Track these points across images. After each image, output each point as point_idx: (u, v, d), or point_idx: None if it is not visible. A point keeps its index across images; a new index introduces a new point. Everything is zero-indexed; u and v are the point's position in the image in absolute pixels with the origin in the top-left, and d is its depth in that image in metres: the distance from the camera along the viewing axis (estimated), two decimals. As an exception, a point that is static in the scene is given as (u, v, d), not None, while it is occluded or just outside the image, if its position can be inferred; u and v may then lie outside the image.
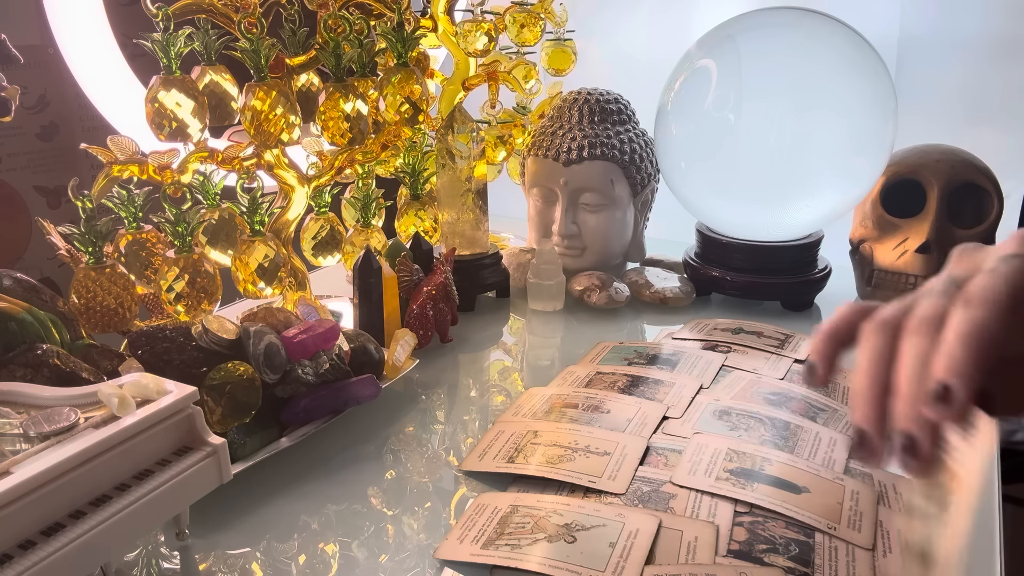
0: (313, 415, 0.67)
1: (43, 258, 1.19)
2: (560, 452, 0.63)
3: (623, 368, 0.79)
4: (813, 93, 0.86)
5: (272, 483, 0.63)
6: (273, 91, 0.77)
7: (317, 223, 0.93)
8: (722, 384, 0.76)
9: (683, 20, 1.39)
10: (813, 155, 0.87)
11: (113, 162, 0.75)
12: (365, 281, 0.81)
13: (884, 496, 0.58)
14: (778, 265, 0.97)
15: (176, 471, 0.49)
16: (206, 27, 0.78)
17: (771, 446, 0.64)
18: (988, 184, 0.89)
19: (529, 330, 0.96)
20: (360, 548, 0.56)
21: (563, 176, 0.99)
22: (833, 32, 0.88)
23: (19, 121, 1.16)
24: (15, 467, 0.42)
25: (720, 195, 0.94)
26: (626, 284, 1.00)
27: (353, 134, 0.82)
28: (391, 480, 0.64)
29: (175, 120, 0.76)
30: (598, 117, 1.01)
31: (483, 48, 1.00)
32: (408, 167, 1.00)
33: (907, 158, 0.93)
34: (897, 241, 0.91)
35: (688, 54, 0.95)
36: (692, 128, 0.92)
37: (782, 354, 0.82)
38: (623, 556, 0.51)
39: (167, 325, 0.63)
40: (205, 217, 0.84)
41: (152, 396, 0.50)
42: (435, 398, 0.78)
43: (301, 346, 0.66)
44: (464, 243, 0.98)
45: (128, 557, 0.55)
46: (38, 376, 0.54)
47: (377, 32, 0.85)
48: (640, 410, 0.71)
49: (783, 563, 0.50)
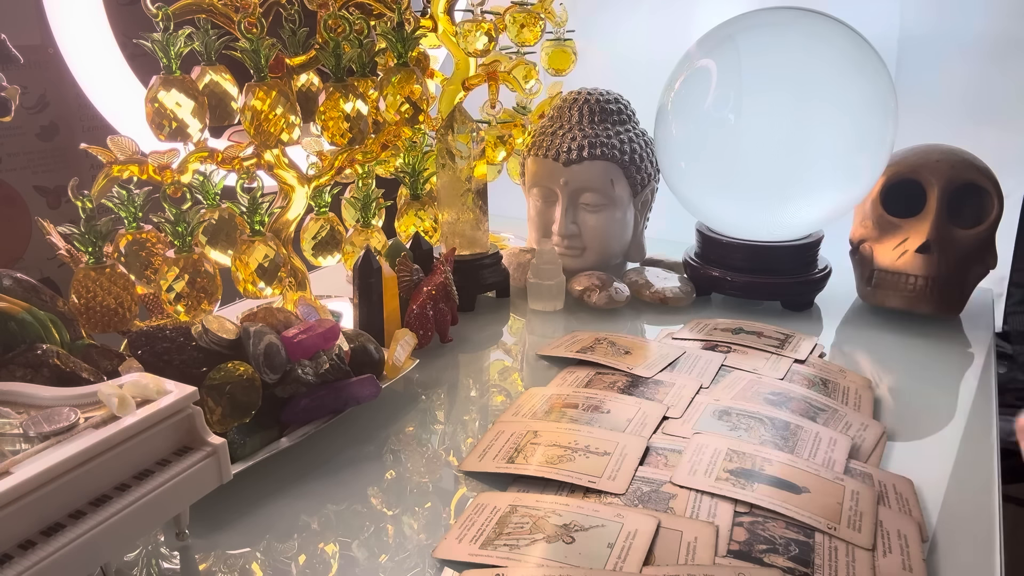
0: (313, 415, 0.67)
1: (43, 258, 1.19)
2: (560, 452, 0.63)
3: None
4: (813, 93, 0.86)
5: (272, 483, 0.63)
6: (273, 91, 0.77)
7: (317, 223, 0.93)
8: (722, 384, 0.76)
9: (683, 20, 1.39)
10: (813, 155, 0.87)
11: (113, 162, 0.75)
12: (365, 281, 0.81)
13: (884, 496, 0.58)
14: (778, 265, 0.97)
15: (176, 471, 0.49)
16: (206, 27, 0.78)
17: (771, 446, 0.64)
18: (988, 184, 0.89)
19: (529, 330, 0.96)
20: (360, 548, 0.56)
21: (563, 176, 0.99)
22: (833, 32, 0.88)
23: (19, 121, 1.16)
24: (15, 467, 0.42)
25: (720, 195, 0.94)
26: (626, 284, 1.00)
27: (353, 134, 0.82)
28: (391, 480, 0.64)
29: (175, 120, 0.76)
30: (598, 117, 1.01)
31: (483, 48, 1.00)
32: (408, 167, 1.00)
33: (907, 158, 0.93)
34: (897, 241, 0.91)
35: (688, 54, 0.95)
36: (692, 128, 0.92)
37: (782, 354, 0.82)
38: (621, 557, 0.51)
39: (167, 325, 0.63)
40: (205, 217, 0.84)
41: (152, 396, 0.50)
42: (435, 398, 0.78)
43: (301, 346, 0.66)
44: (464, 243, 0.98)
45: (128, 557, 0.55)
46: (38, 376, 0.54)
47: (377, 32, 0.85)
48: (640, 410, 0.71)
49: (783, 563, 0.50)
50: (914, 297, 0.90)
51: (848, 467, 0.62)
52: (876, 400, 0.75)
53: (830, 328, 0.93)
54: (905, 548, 0.52)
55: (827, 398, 0.73)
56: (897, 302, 0.91)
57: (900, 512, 0.56)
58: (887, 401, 0.75)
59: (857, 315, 0.96)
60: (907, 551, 0.52)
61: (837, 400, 0.73)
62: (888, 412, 0.73)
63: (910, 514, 0.56)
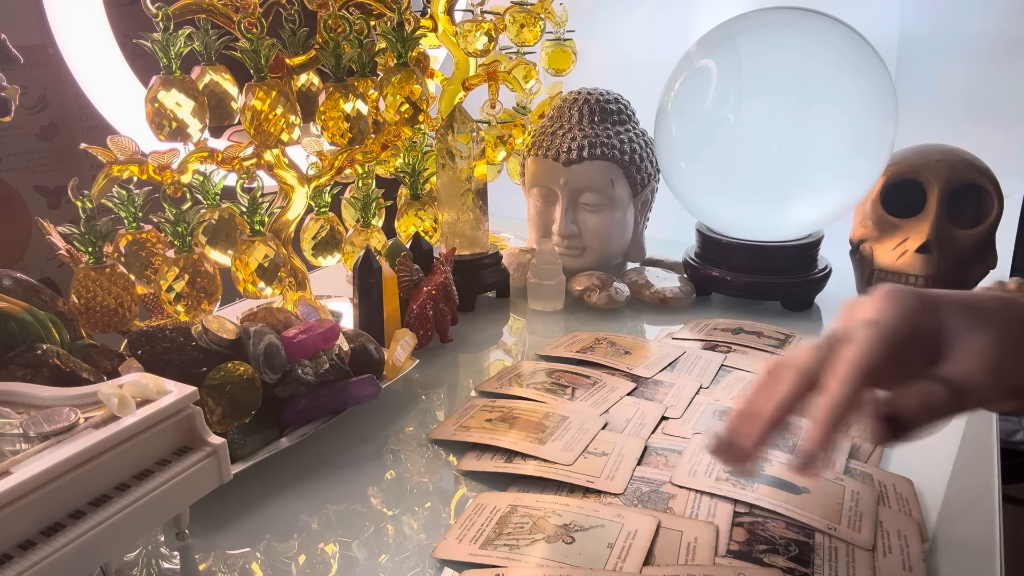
0: (313, 415, 0.67)
1: (43, 258, 1.18)
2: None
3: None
4: (813, 93, 0.86)
5: (272, 483, 0.63)
6: (273, 91, 0.77)
7: (317, 223, 0.93)
8: (722, 384, 0.76)
9: (683, 20, 1.39)
10: (813, 155, 0.87)
11: (113, 162, 0.75)
12: (365, 281, 0.81)
13: (884, 496, 0.58)
14: (778, 265, 0.97)
15: (176, 471, 0.49)
16: (206, 27, 0.78)
17: (771, 446, 0.64)
18: (988, 184, 0.89)
19: (529, 330, 0.96)
20: (360, 548, 0.56)
21: (563, 176, 0.99)
22: (833, 32, 0.88)
23: (19, 121, 1.16)
24: (15, 467, 0.42)
25: (720, 195, 0.94)
26: (626, 284, 1.00)
27: (353, 134, 0.82)
28: (391, 480, 0.64)
29: (175, 120, 0.76)
30: (598, 117, 1.01)
31: (483, 48, 1.00)
32: (408, 167, 1.00)
33: (907, 158, 0.93)
34: (897, 241, 0.91)
35: (688, 54, 0.95)
36: (692, 128, 0.92)
37: (782, 354, 0.82)
38: (621, 557, 0.51)
39: (167, 325, 0.63)
40: (205, 217, 0.84)
41: (152, 396, 0.50)
42: (435, 398, 0.78)
43: (301, 346, 0.66)
44: (464, 243, 0.98)
45: (128, 557, 0.55)
46: (38, 376, 0.54)
47: (377, 32, 0.85)
48: (639, 410, 0.71)
49: (783, 564, 0.50)
50: (914, 297, 0.90)
51: (848, 467, 0.62)
52: (876, 400, 0.74)
53: (830, 328, 0.93)
54: (905, 548, 0.52)
55: (827, 398, 0.73)
56: (897, 302, 0.91)
57: (900, 512, 0.56)
58: (887, 401, 0.75)
59: (857, 315, 0.96)
60: (907, 551, 0.52)
61: (837, 400, 0.73)
62: (888, 412, 0.73)
63: (910, 514, 0.56)
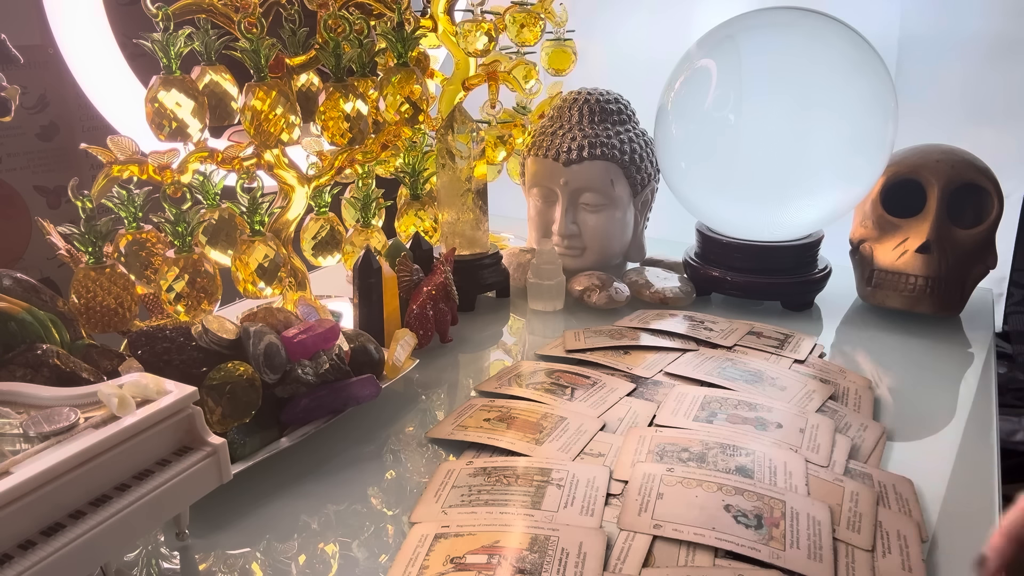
0: (313, 415, 0.67)
1: (43, 258, 1.19)
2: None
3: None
4: (813, 93, 0.86)
5: (272, 483, 0.63)
6: (273, 91, 0.77)
7: (317, 223, 0.93)
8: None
9: (683, 20, 1.39)
10: (813, 155, 0.87)
11: (113, 162, 0.75)
12: (365, 281, 0.81)
13: (884, 497, 0.58)
14: (778, 265, 0.97)
15: (176, 471, 0.49)
16: (206, 27, 0.78)
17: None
18: (988, 184, 0.89)
19: (529, 330, 0.96)
20: (360, 548, 0.56)
21: (563, 176, 0.99)
22: (833, 32, 0.88)
23: (19, 121, 1.16)
24: (15, 467, 0.42)
25: (720, 195, 0.94)
26: (626, 284, 1.00)
27: (353, 134, 0.82)
28: (391, 480, 0.64)
29: (175, 120, 0.76)
30: (598, 117, 1.01)
31: (483, 48, 1.00)
32: (408, 167, 1.00)
33: (907, 158, 0.93)
34: (897, 241, 0.91)
35: (688, 54, 0.95)
36: (692, 128, 0.92)
37: (782, 354, 0.82)
38: (621, 558, 0.51)
39: (167, 325, 0.63)
40: (205, 217, 0.84)
41: (152, 396, 0.50)
42: (435, 398, 0.78)
43: (301, 346, 0.66)
44: (464, 243, 0.98)
45: (128, 557, 0.55)
46: (38, 376, 0.54)
47: (377, 32, 0.85)
48: (631, 410, 0.71)
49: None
50: (914, 297, 0.90)
51: (848, 467, 0.62)
52: (876, 400, 0.75)
53: (830, 328, 0.93)
54: (905, 549, 0.52)
55: (827, 399, 0.73)
56: (897, 302, 0.91)
57: (900, 512, 0.56)
58: (887, 401, 0.75)
59: (857, 315, 0.96)
60: (907, 552, 0.52)
61: (838, 401, 0.73)
62: (888, 412, 0.73)
63: (910, 514, 0.56)
